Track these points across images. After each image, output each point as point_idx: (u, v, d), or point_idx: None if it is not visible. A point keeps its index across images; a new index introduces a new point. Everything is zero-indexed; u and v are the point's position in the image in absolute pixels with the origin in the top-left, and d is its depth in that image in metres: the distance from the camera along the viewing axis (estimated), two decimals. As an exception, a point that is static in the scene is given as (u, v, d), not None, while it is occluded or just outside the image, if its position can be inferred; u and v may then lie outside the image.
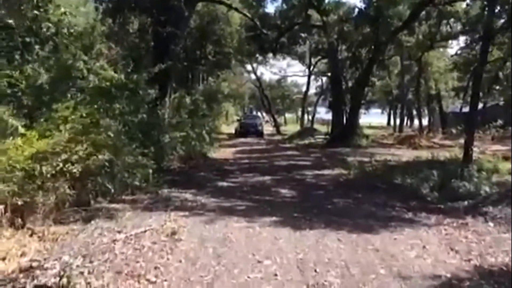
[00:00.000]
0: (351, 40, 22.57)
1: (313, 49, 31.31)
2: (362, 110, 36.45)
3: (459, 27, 27.40)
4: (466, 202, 7.57)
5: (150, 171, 8.35)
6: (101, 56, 10.76)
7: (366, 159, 15.18)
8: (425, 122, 42.64)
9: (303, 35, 29.67)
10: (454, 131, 36.60)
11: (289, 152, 19.31)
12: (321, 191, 9.15)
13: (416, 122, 52.84)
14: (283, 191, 9.03)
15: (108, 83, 9.06)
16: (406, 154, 17.55)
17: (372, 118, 56.88)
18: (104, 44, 11.33)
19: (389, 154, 17.57)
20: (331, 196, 8.48)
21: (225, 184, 9.95)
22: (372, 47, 22.37)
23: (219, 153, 17.43)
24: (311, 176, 11.52)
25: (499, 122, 10.22)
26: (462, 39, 29.45)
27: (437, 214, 6.76)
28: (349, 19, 22.99)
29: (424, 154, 16.25)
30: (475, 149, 13.31)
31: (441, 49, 32.02)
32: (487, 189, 8.83)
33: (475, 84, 10.35)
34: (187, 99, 15.88)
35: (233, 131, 33.13)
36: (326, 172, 12.36)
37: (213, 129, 21.48)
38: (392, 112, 50.50)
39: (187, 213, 6.57)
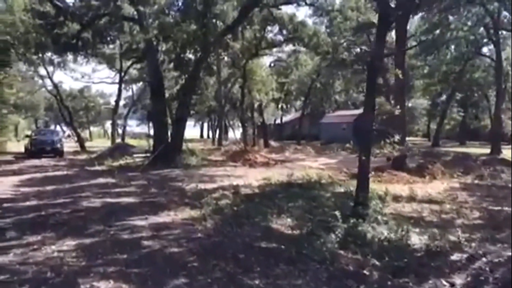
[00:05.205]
0: (175, 39, 18.71)
1: (126, 50, 26.20)
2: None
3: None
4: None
5: None
6: None
7: (209, 186, 12.11)
8: (238, 134, 41.87)
9: (112, 34, 24.37)
10: (274, 143, 36.58)
11: (102, 180, 14.01)
12: (181, 277, 4.83)
13: (230, 134, 52.57)
14: (105, 289, 4.45)
15: None
16: (249, 175, 14.95)
17: (185, 131, 54.67)
18: None
19: (230, 176, 14.91)
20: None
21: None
22: (199, 48, 19.01)
23: (-11, 189, 11.38)
24: (147, 230, 7.05)
25: (397, 137, 8.64)
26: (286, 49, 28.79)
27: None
28: (173, 13, 19.11)
29: (269, 174, 14.11)
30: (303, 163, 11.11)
31: (264, 58, 31.00)
32: (419, 238, 6.17)
33: (369, 84, 7.48)
34: None
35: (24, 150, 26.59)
36: (167, 217, 8.12)
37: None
38: (209, 124, 48.54)
39: None
